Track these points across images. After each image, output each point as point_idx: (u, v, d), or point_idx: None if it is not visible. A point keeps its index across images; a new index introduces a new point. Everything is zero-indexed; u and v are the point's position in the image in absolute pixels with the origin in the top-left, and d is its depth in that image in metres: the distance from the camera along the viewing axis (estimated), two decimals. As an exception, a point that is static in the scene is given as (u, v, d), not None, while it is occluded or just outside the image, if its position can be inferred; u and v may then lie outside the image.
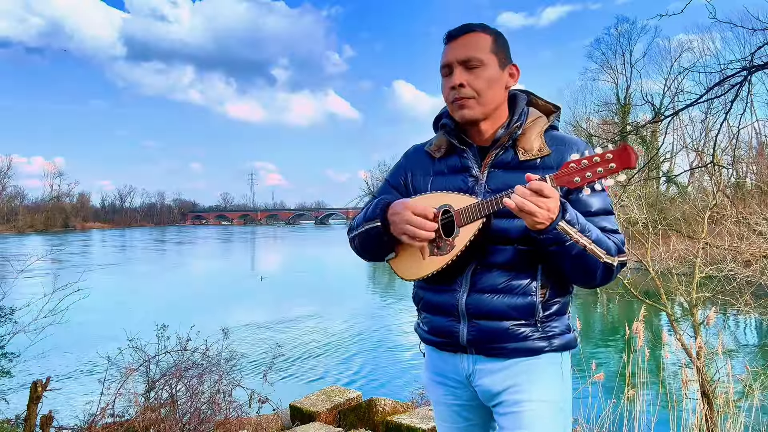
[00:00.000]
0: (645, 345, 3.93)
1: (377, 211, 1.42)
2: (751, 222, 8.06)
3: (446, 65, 1.39)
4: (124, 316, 11.89)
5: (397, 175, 1.58)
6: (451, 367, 1.45)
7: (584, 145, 1.37)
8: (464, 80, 1.36)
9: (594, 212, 1.36)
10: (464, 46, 1.37)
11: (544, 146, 1.39)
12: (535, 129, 1.42)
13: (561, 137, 1.43)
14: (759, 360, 7.56)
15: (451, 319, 1.40)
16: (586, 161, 1.20)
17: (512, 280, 1.35)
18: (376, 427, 4.16)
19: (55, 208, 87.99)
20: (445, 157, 1.48)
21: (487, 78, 1.36)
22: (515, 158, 1.39)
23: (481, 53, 1.36)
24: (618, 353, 9.30)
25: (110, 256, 37.00)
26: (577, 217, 1.26)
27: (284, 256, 39.75)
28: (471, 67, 1.36)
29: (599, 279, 1.32)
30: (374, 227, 1.42)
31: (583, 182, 1.21)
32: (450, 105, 1.42)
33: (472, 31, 1.38)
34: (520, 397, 1.35)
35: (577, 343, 1.46)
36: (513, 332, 1.35)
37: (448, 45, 1.40)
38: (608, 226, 1.36)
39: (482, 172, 1.41)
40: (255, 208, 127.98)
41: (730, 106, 4.44)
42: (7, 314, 4.69)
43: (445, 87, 1.41)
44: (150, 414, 3.69)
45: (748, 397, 3.89)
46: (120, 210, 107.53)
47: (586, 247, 1.26)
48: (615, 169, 1.18)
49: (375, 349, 11.32)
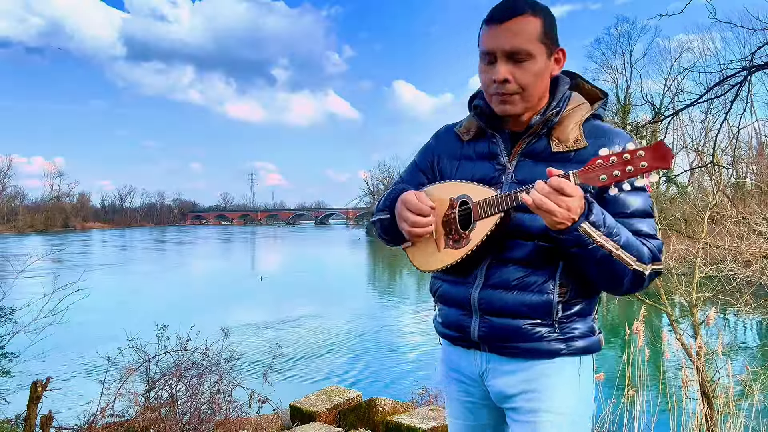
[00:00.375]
0: (645, 345, 3.93)
1: (387, 203, 1.40)
2: (751, 222, 8.06)
3: (489, 53, 1.24)
4: (124, 316, 11.88)
5: (425, 156, 1.49)
6: (464, 362, 1.39)
7: (627, 138, 1.24)
8: (509, 75, 1.22)
9: (630, 213, 1.23)
10: (511, 35, 1.20)
11: (581, 137, 1.26)
12: (574, 117, 1.29)
13: (602, 128, 1.29)
14: (759, 360, 7.57)
15: (463, 313, 1.34)
16: (615, 158, 1.10)
17: (528, 277, 1.26)
18: (376, 427, 4.16)
19: (55, 208, 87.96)
20: (474, 141, 1.39)
21: (535, 72, 1.23)
22: (548, 148, 1.28)
23: (530, 44, 1.21)
24: (618, 353, 9.31)
25: (110, 256, 36.99)
26: (605, 219, 1.15)
27: (284, 256, 39.74)
28: (518, 60, 1.21)
29: (627, 287, 1.21)
30: (385, 218, 1.40)
31: (609, 181, 1.10)
32: (489, 95, 1.28)
33: (521, 14, 1.21)
34: (536, 405, 1.28)
35: (601, 346, 1.34)
36: (527, 331, 1.26)
37: (491, 28, 1.23)
38: (644, 230, 1.23)
39: (511, 161, 1.31)
40: (255, 208, 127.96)
41: (730, 106, 4.45)
42: (7, 314, 4.70)
43: (484, 75, 1.27)
44: (150, 414, 3.69)
45: (748, 397, 3.89)
46: (120, 210, 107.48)
47: (612, 252, 1.15)
48: (647, 168, 1.08)
49: (375, 349, 11.32)
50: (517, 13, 1.21)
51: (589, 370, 1.33)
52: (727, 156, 8.75)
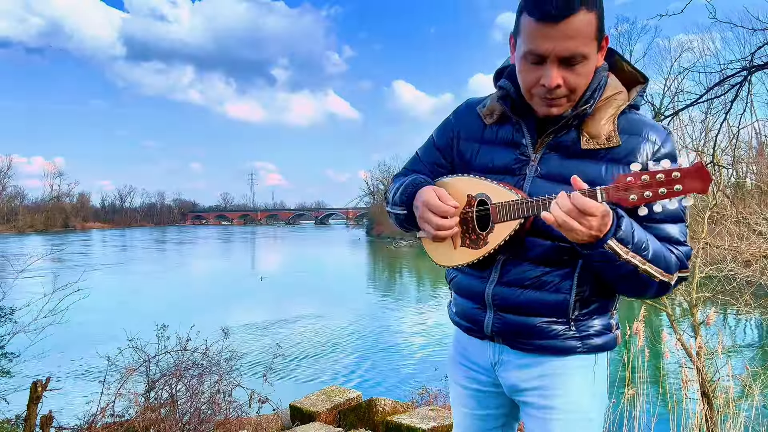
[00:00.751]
0: (645, 345, 3.93)
1: (404, 198, 1.31)
2: (751, 222, 8.05)
3: (539, 55, 1.10)
4: (124, 316, 11.88)
5: (444, 134, 1.39)
6: (477, 351, 1.37)
7: (664, 134, 1.17)
8: (561, 80, 1.11)
9: (660, 218, 1.14)
10: (567, 38, 1.06)
11: (614, 134, 1.16)
12: (609, 110, 1.18)
13: (637, 121, 1.18)
14: (759, 360, 7.56)
15: (477, 307, 1.31)
16: (647, 177, 1.01)
17: (544, 276, 1.21)
18: (376, 427, 4.16)
19: (55, 208, 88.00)
20: (498, 125, 1.29)
21: (587, 72, 1.13)
22: (577, 144, 1.18)
23: (586, 46, 1.09)
24: (618, 353, 9.29)
25: (110, 256, 36.98)
26: (633, 234, 1.08)
27: (284, 256, 39.73)
28: (572, 64, 1.10)
29: (651, 294, 1.17)
30: (402, 214, 1.33)
31: (640, 202, 1.02)
32: (531, 95, 1.17)
33: (579, 10, 1.05)
34: (550, 403, 1.26)
35: (618, 342, 1.31)
36: (542, 329, 1.23)
37: (544, 26, 1.07)
38: (674, 236, 1.16)
39: (536, 152, 1.22)
40: (255, 208, 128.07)
41: (730, 106, 4.44)
42: (7, 314, 4.70)
43: (528, 74, 1.14)
44: (150, 414, 3.69)
45: (748, 397, 3.89)
46: (120, 210, 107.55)
47: (639, 267, 1.09)
48: (681, 191, 0.99)
49: (375, 349, 11.32)
50: (574, 10, 1.05)
51: (603, 368, 1.30)
52: (727, 156, 8.74)
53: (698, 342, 4.35)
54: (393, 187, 1.40)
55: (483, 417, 1.41)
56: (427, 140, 1.45)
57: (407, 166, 1.48)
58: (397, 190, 1.35)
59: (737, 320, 11.16)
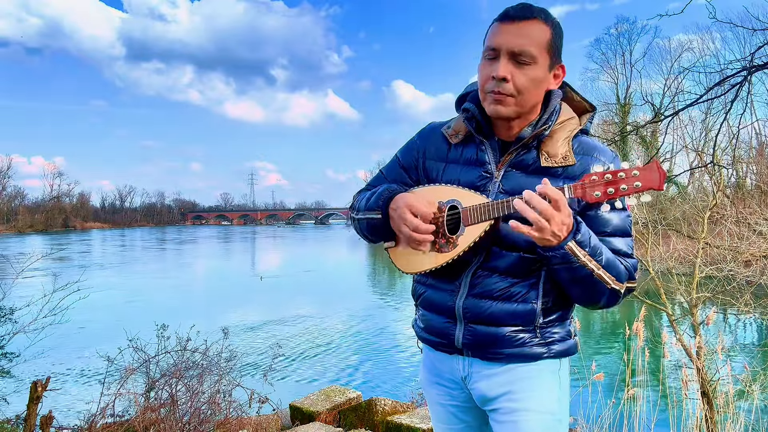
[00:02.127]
0: (645, 345, 3.93)
1: (379, 202, 1.36)
2: (751, 222, 8.05)
3: (494, 49, 1.23)
4: (124, 315, 11.90)
5: (409, 154, 1.47)
6: (447, 367, 1.41)
7: (612, 156, 1.28)
8: (509, 74, 1.22)
9: (610, 232, 1.27)
10: (520, 35, 1.21)
11: (569, 154, 1.28)
12: (564, 132, 1.31)
13: (590, 145, 1.31)
14: (759, 360, 7.56)
15: (447, 321, 1.36)
16: (609, 175, 1.12)
17: (512, 287, 1.29)
18: (376, 427, 4.16)
19: (55, 208, 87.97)
20: (463, 145, 1.38)
21: (534, 78, 1.23)
22: (537, 161, 1.29)
23: (535, 49, 1.22)
24: (618, 353, 9.30)
25: (110, 256, 36.99)
26: (590, 239, 1.19)
27: (284, 256, 39.73)
28: (521, 61, 1.22)
29: (603, 303, 1.26)
30: (374, 218, 1.37)
31: (603, 198, 1.12)
32: (483, 93, 1.28)
33: (534, 18, 1.22)
34: (517, 405, 1.30)
35: (578, 349, 1.40)
36: (511, 338, 1.30)
37: (501, 25, 1.23)
38: (622, 249, 1.27)
39: (499, 170, 1.32)
40: (255, 208, 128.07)
41: (730, 106, 4.44)
42: (7, 314, 4.69)
43: (484, 71, 1.26)
44: (150, 414, 3.69)
45: (748, 397, 3.89)
46: (120, 210, 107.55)
47: (594, 272, 1.19)
48: (640, 188, 1.10)
49: (375, 349, 11.32)
50: (530, 16, 1.22)
51: (567, 373, 1.38)
52: (727, 156, 8.74)
53: (698, 342, 4.35)
54: (362, 197, 1.46)
55: (463, 430, 1.45)
56: (391, 160, 1.53)
57: (372, 183, 1.54)
58: (370, 198, 1.40)
59: (737, 320, 11.16)
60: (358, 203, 1.45)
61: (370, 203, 1.39)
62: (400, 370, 9.78)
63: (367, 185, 1.55)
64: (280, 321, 14.03)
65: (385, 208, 1.35)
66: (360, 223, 1.43)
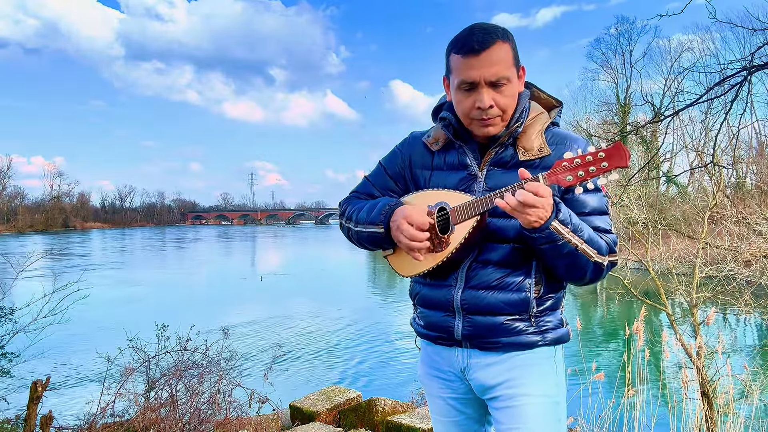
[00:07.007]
0: (645, 345, 3.93)
1: (381, 217, 1.41)
2: (751, 222, 8.06)
3: (471, 83, 1.30)
4: (124, 316, 11.89)
5: (394, 163, 1.55)
6: (445, 360, 1.47)
7: (584, 143, 1.36)
8: (492, 101, 1.30)
9: (588, 212, 1.36)
10: (491, 64, 1.28)
11: (544, 145, 1.37)
12: (536, 127, 1.40)
13: (561, 135, 1.41)
14: (759, 360, 7.56)
15: (446, 315, 1.41)
16: (578, 160, 1.20)
17: (507, 277, 1.36)
18: (376, 427, 4.16)
19: (55, 208, 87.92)
20: (444, 151, 1.47)
21: (512, 94, 1.33)
22: (515, 157, 1.38)
23: (507, 70, 1.30)
24: (618, 353, 9.30)
25: (111, 256, 37.00)
26: (570, 217, 1.27)
27: (284, 255, 39.73)
28: (499, 85, 1.30)
29: (589, 277, 1.34)
30: (378, 232, 1.42)
31: (575, 181, 1.20)
32: (468, 119, 1.36)
33: (496, 41, 1.28)
34: (516, 391, 1.36)
35: (570, 337, 1.47)
36: (507, 327, 1.36)
37: (471, 59, 1.29)
38: (601, 226, 1.36)
39: (481, 170, 1.40)
40: (255, 208, 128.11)
41: (730, 106, 4.44)
42: (7, 314, 4.69)
43: (465, 102, 1.33)
44: (150, 414, 3.69)
45: (748, 397, 3.89)
46: (120, 210, 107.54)
47: (578, 246, 1.27)
48: (607, 168, 1.18)
49: (375, 349, 11.32)
50: (492, 43, 1.28)
51: (562, 360, 1.45)
52: (727, 156, 8.75)
53: (698, 342, 4.35)
54: (356, 207, 1.52)
55: (464, 422, 1.51)
56: (375, 168, 1.60)
57: (359, 190, 1.60)
58: (371, 211, 1.46)
59: (737, 320, 11.16)
60: (354, 214, 1.50)
61: (372, 217, 1.44)
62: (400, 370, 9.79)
63: (355, 191, 1.61)
64: (280, 321, 14.04)
65: (387, 222, 1.41)
66: (360, 234, 1.48)
